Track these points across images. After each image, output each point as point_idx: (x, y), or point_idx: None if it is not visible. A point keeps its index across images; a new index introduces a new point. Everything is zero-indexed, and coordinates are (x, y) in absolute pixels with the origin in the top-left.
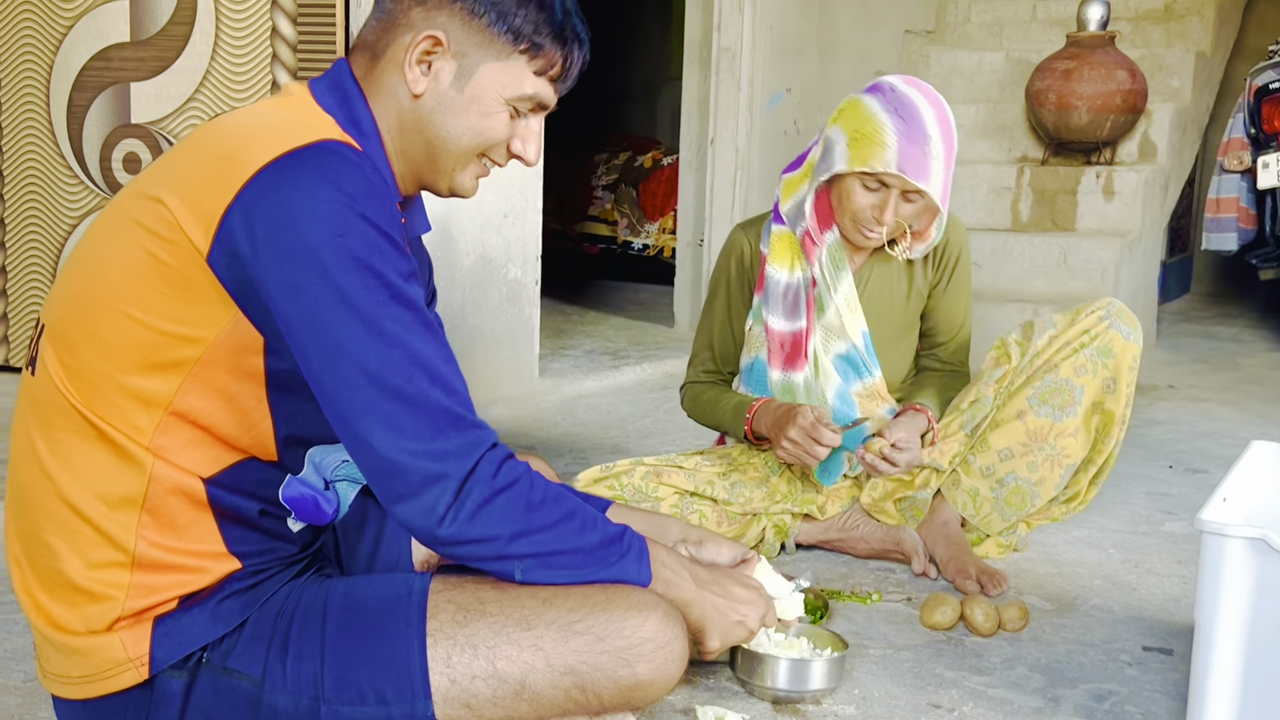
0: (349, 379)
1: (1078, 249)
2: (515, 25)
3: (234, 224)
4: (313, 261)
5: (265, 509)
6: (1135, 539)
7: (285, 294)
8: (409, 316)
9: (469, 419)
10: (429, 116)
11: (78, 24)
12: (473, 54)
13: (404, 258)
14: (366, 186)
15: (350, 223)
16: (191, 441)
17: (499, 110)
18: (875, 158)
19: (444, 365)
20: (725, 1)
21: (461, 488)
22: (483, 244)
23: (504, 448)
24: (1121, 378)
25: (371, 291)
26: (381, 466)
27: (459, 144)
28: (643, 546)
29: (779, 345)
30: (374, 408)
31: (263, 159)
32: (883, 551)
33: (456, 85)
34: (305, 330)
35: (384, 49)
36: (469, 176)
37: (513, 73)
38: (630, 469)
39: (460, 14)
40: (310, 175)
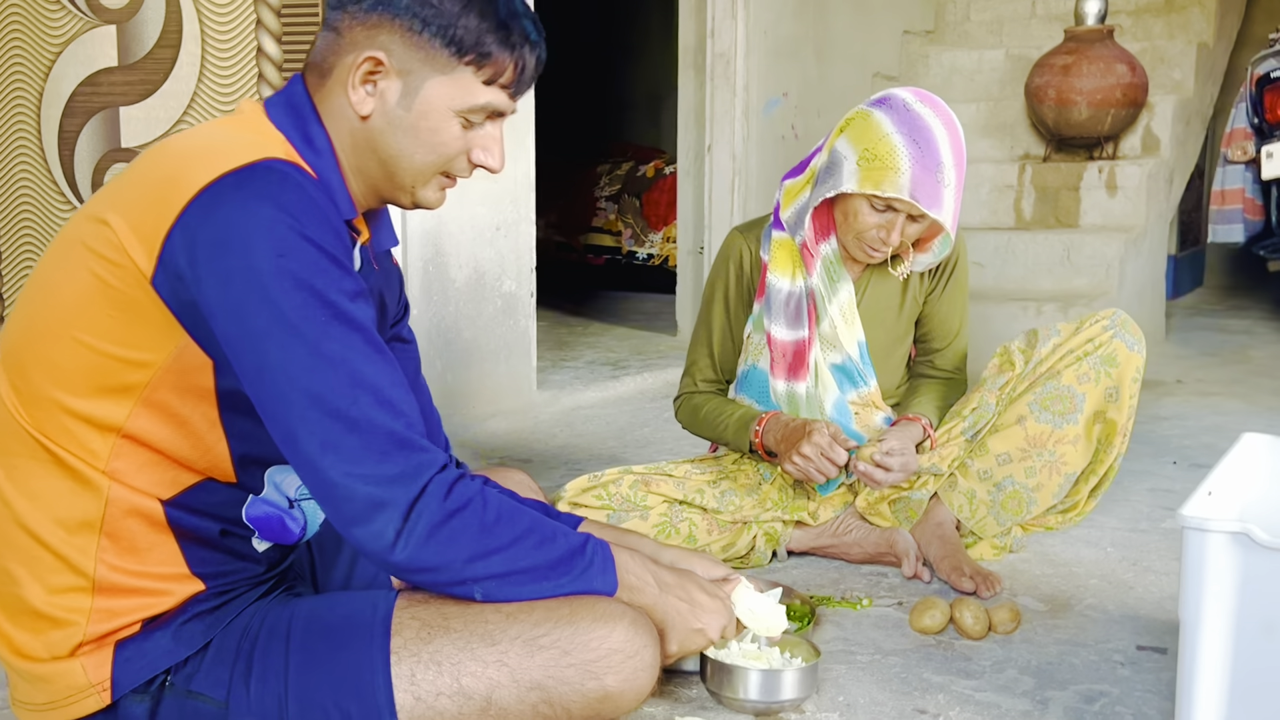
0: (292, 402)
1: (1081, 245)
2: (457, 37)
3: (176, 246)
4: (253, 283)
5: (227, 529)
6: (1135, 537)
7: (227, 316)
8: (353, 337)
9: (416, 442)
10: (379, 136)
11: (66, 50)
12: (417, 70)
13: (349, 277)
14: (309, 205)
15: (291, 243)
16: (147, 464)
17: (450, 124)
18: (888, 183)
19: (391, 387)
20: (718, 7)
21: (410, 513)
22: (475, 258)
23: (454, 469)
24: (1124, 388)
25: (313, 312)
26: (328, 491)
27: (413, 162)
28: (607, 555)
29: (781, 355)
30: (317, 431)
31: (203, 179)
32: (876, 555)
33: (403, 104)
34: (247, 353)
35: (331, 68)
36: (431, 191)
37: (460, 85)
38: (618, 478)
39: (400, 30)
40: (250, 195)
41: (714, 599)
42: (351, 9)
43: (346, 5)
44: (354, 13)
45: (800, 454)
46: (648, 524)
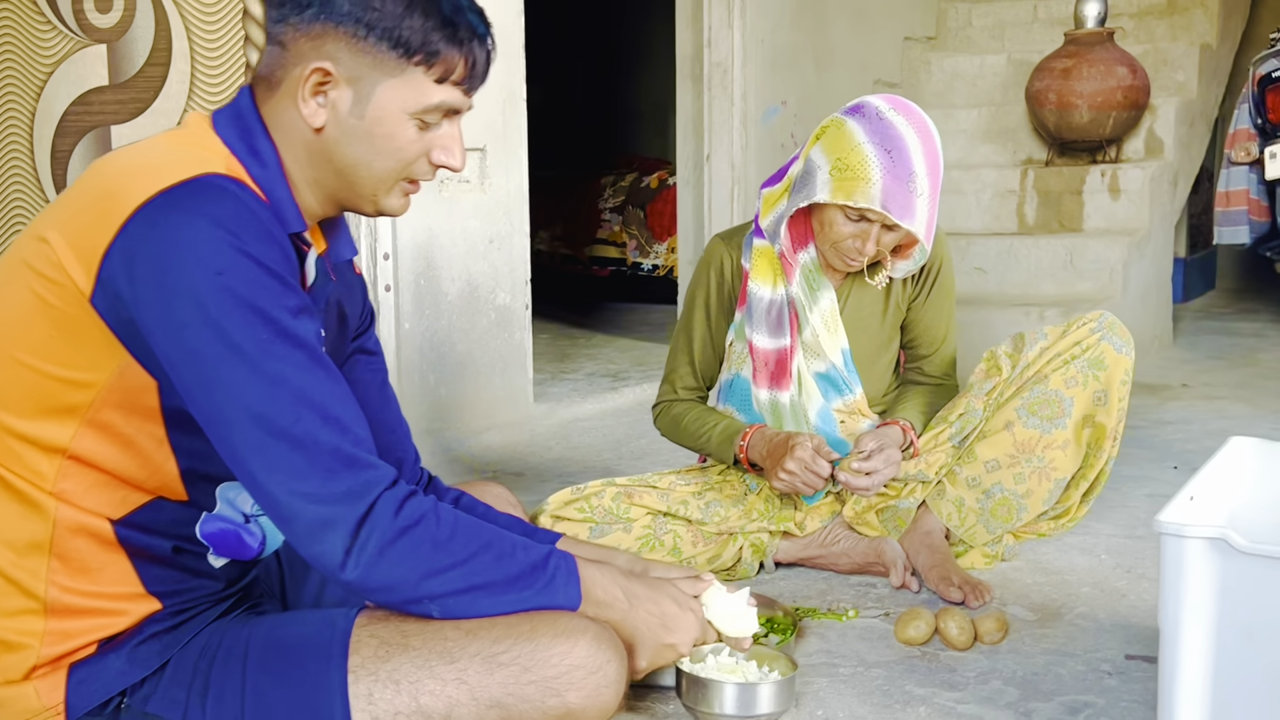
0: (235, 422)
1: (1084, 250)
2: (403, 38)
3: (114, 264)
4: (192, 301)
5: (180, 546)
6: (1131, 543)
7: (167, 335)
8: (297, 354)
9: (363, 459)
10: (335, 147)
11: (58, 70)
12: (366, 76)
13: (291, 292)
14: (249, 220)
15: (229, 259)
16: (96, 485)
17: (406, 128)
18: (859, 193)
19: (336, 404)
20: (714, 17)
21: (358, 530)
22: (469, 270)
23: (405, 486)
24: (1113, 391)
25: (254, 329)
26: (275, 510)
27: (372, 170)
28: (570, 568)
29: (764, 363)
30: (262, 450)
31: (142, 196)
32: (865, 565)
33: (356, 112)
34: (189, 372)
35: (279, 81)
36: (395, 197)
37: (412, 87)
38: (601, 490)
39: (345, 38)
40: (188, 212)
41: (685, 612)
42: (293, 20)
43: (288, 17)
44: (296, 24)
45: (785, 470)
46: (631, 536)
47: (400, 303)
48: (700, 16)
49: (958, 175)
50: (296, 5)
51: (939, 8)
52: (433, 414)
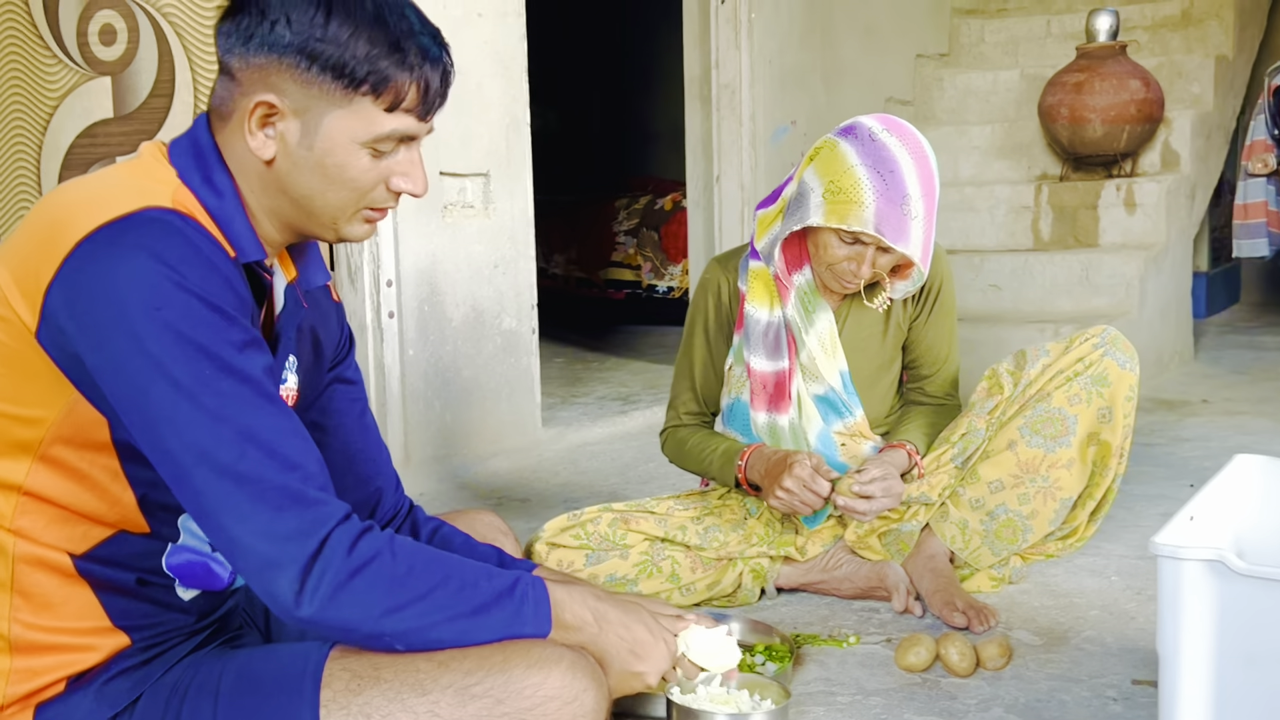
0: (180, 460)
1: (1100, 265)
2: (348, 68)
3: (56, 300)
4: (131, 338)
5: (144, 579)
6: (1142, 564)
7: (109, 372)
8: (241, 390)
9: (312, 495)
10: (287, 178)
11: (63, 103)
12: (313, 108)
13: (234, 327)
14: (190, 254)
15: (169, 295)
16: (54, 520)
17: (357, 158)
18: (852, 216)
19: (284, 439)
20: (722, 38)
21: (309, 569)
22: (473, 295)
23: (357, 521)
24: (1118, 407)
25: (195, 365)
26: (225, 549)
27: (327, 200)
28: (540, 594)
29: (762, 386)
30: (208, 489)
31: (83, 230)
32: (867, 590)
33: (304, 144)
34: (132, 410)
35: (229, 112)
36: (355, 226)
37: (360, 116)
38: (597, 516)
39: (289, 69)
40: (128, 247)
41: (657, 640)
42: (239, 51)
43: (234, 48)
44: (242, 54)
45: (782, 488)
46: (628, 563)
47: (404, 329)
48: (707, 38)
49: (971, 192)
50: (242, 36)
51: (951, 24)
52: (438, 441)
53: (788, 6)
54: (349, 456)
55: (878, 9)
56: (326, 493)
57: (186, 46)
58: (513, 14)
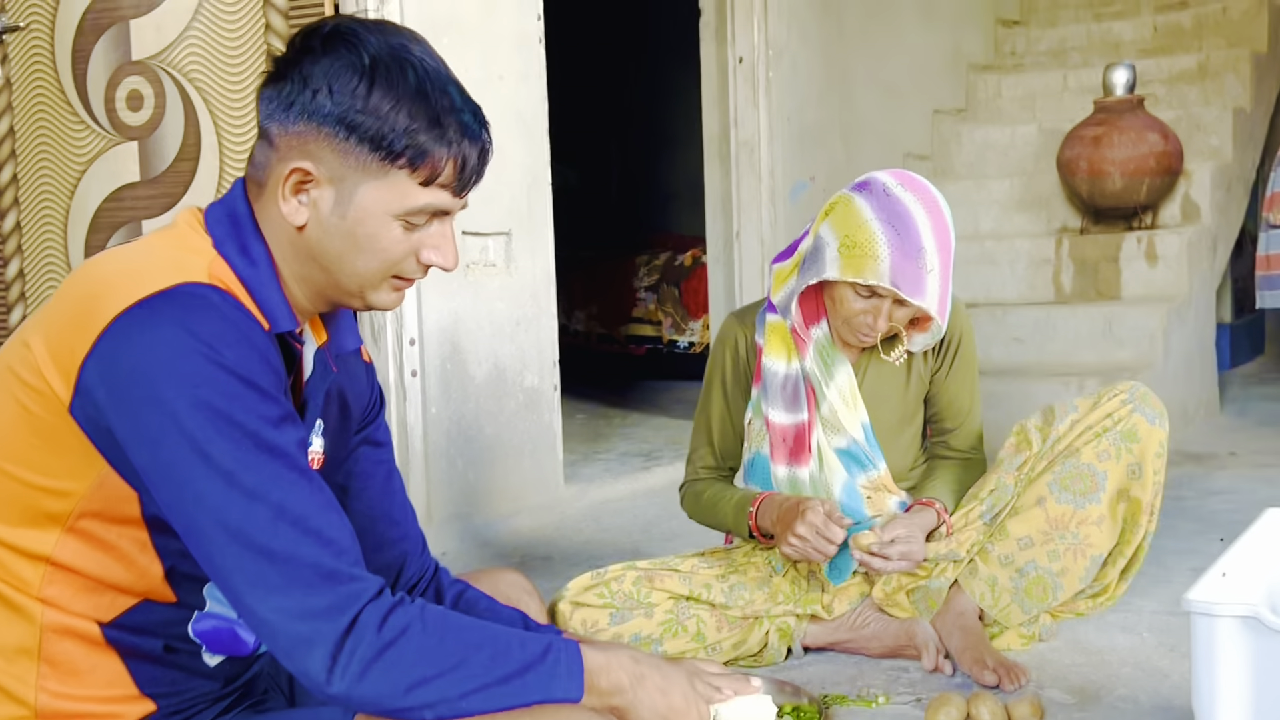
0: (213, 538)
1: (1123, 317)
2: (386, 141)
3: (91, 374)
4: (166, 414)
5: (171, 645)
6: (1174, 620)
7: (142, 448)
8: (275, 465)
9: (345, 572)
10: (317, 245)
11: (90, 167)
12: (349, 177)
13: (270, 402)
14: (226, 330)
15: (205, 372)
16: (83, 590)
17: (389, 229)
18: (868, 270)
19: (317, 515)
20: (740, 96)
21: (341, 647)
22: (495, 353)
23: (389, 596)
24: (1148, 464)
25: (231, 442)
26: (257, 627)
27: (356, 269)
28: (574, 659)
29: (781, 439)
30: (240, 566)
31: (120, 305)
32: (896, 649)
33: (338, 212)
34: (165, 485)
35: (266, 178)
36: (383, 294)
37: (395, 189)
38: (621, 574)
39: (327, 137)
40: (164, 322)
41: (689, 708)
42: (279, 118)
43: (275, 115)
44: (282, 121)
45: (795, 535)
46: (653, 622)
47: (426, 387)
48: (726, 96)
49: (992, 245)
50: (283, 103)
51: (968, 80)
52: (461, 499)
53: (806, 64)
54: (374, 519)
55: (895, 66)
56: (359, 568)
57: (212, 111)
58: (534, 76)
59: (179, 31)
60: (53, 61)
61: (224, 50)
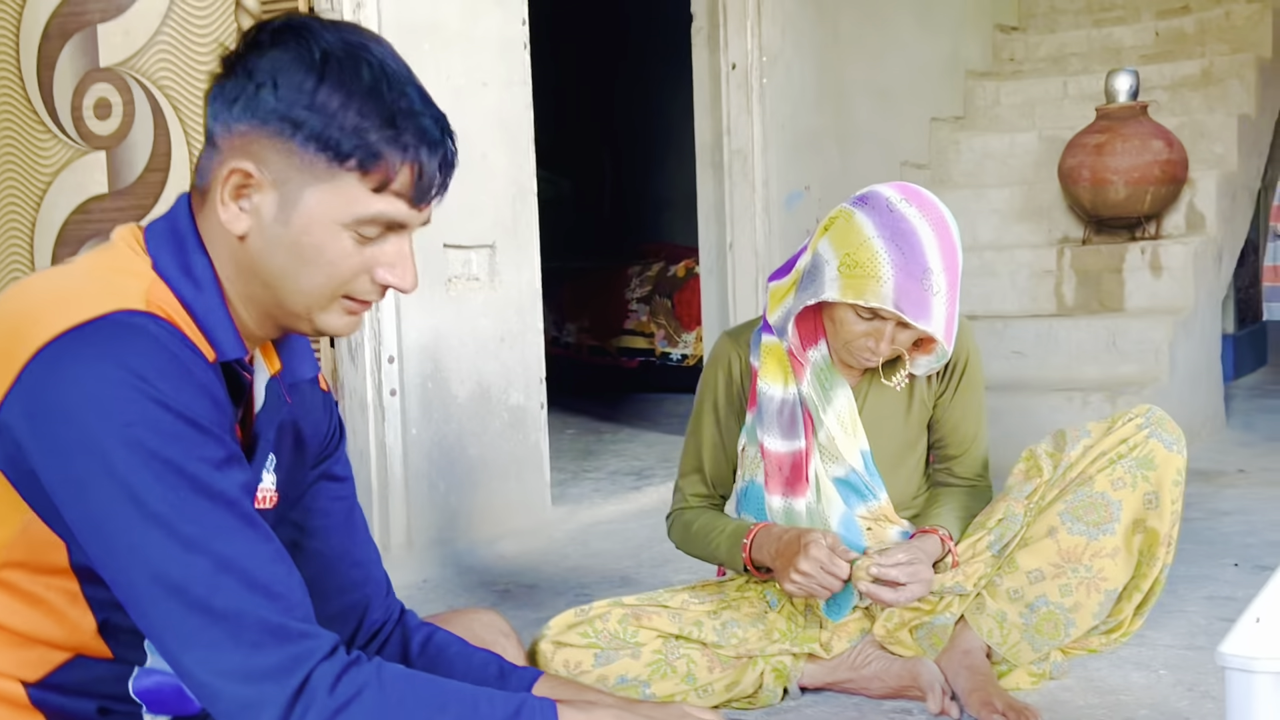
0: (147, 592)
1: (1127, 330)
2: (333, 139)
3: (12, 411)
4: (96, 456)
5: (106, 706)
6: (1191, 656)
7: (69, 493)
8: (217, 513)
9: (294, 628)
10: (259, 258)
11: (57, 179)
12: (293, 179)
13: (213, 442)
14: (165, 363)
15: (140, 409)
16: (7, 645)
17: (338, 240)
18: (869, 292)
19: (264, 568)
20: (733, 104)
21: (290, 711)
22: (479, 371)
23: (342, 654)
24: (1165, 493)
25: (167, 488)
26: (197, 691)
27: (299, 284)
28: (549, 715)
29: (777, 468)
30: (178, 624)
31: (45, 335)
32: (899, 689)
33: (280, 218)
34: (94, 534)
35: (209, 186)
36: (333, 317)
37: (343, 194)
38: (606, 611)
39: (270, 136)
40: (94, 355)
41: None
42: (223, 117)
43: (219, 115)
44: (225, 121)
45: (799, 571)
46: (640, 663)
47: (406, 407)
48: (719, 103)
49: (991, 256)
50: (226, 100)
51: (966, 87)
52: (442, 523)
53: (800, 71)
54: (333, 560)
55: (891, 72)
56: (310, 624)
57: (183, 120)
58: (518, 82)
59: (148, 37)
60: (18, 67)
61: (195, 56)
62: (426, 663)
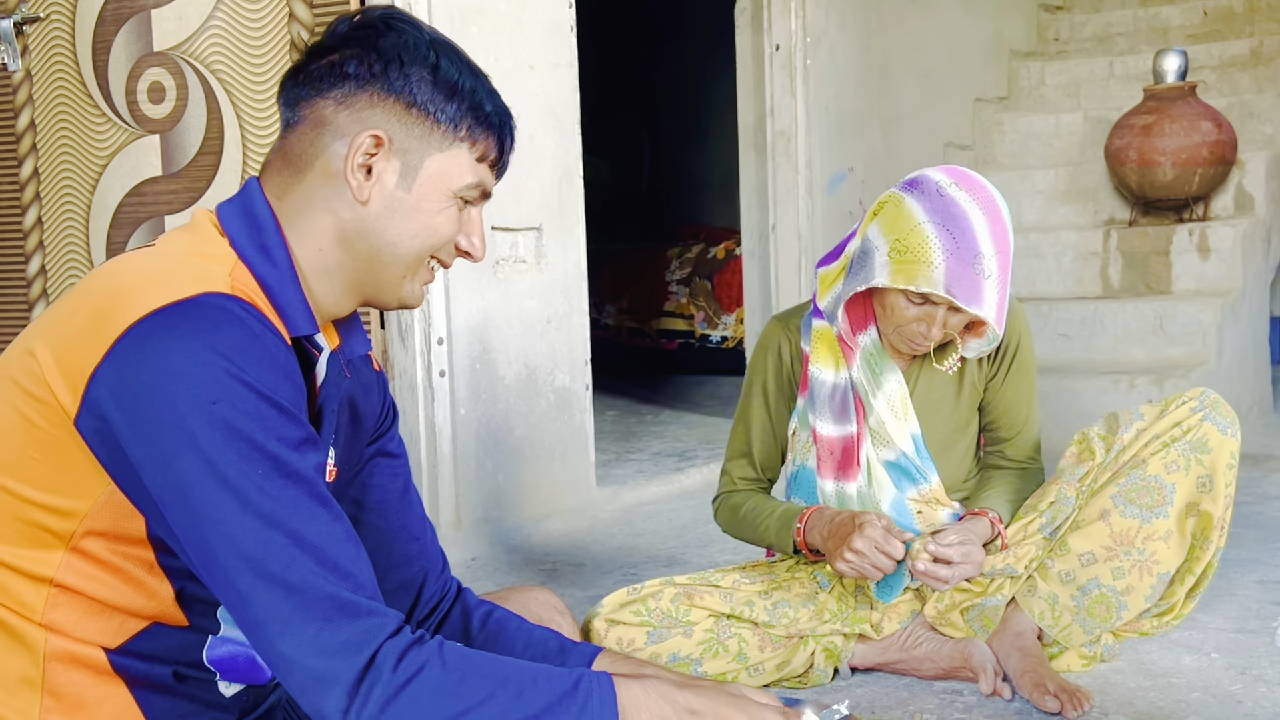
0: (227, 565)
1: (1174, 313)
2: (452, 113)
3: (101, 387)
4: (182, 432)
5: (181, 672)
6: (1243, 639)
7: (154, 467)
8: (294, 491)
9: (363, 605)
10: (376, 223)
11: (112, 162)
12: (415, 148)
13: (292, 423)
14: (249, 345)
15: (225, 388)
16: (88, 614)
17: (449, 205)
18: (921, 277)
19: (336, 545)
20: (777, 85)
21: (358, 685)
22: (525, 352)
23: (407, 633)
24: (1219, 476)
25: (249, 465)
26: (271, 661)
27: (411, 247)
28: (606, 691)
29: (829, 452)
30: (254, 596)
31: (136, 314)
32: (950, 670)
33: (403, 185)
34: (177, 507)
35: (309, 161)
36: (418, 284)
37: (458, 162)
38: (659, 590)
39: (396, 108)
40: (183, 335)
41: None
42: (332, 93)
43: (323, 91)
44: (336, 97)
45: (852, 549)
46: (692, 641)
47: (455, 388)
48: (762, 85)
49: (1036, 238)
50: (336, 77)
51: (1010, 67)
52: (490, 502)
53: (844, 52)
54: (390, 535)
55: (935, 53)
56: (377, 602)
57: (235, 103)
58: (564, 65)
59: (201, 21)
60: (73, 53)
61: (247, 41)
62: (487, 639)
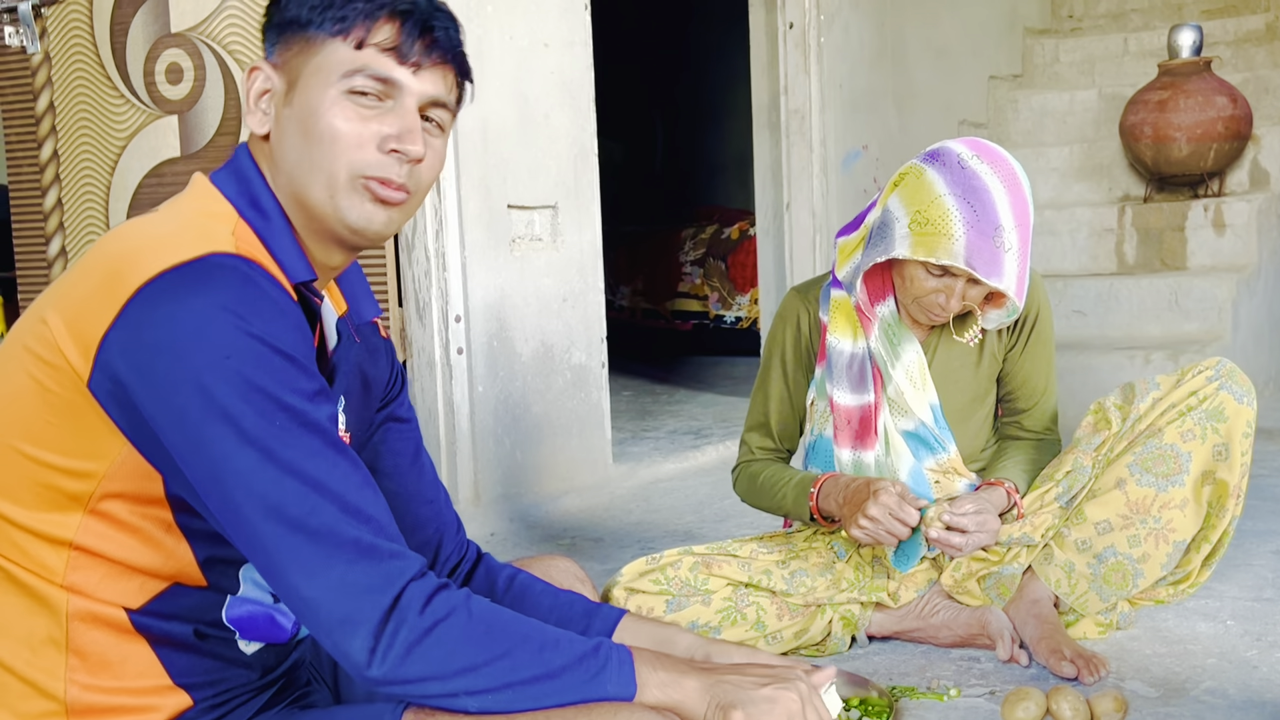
0: (249, 515)
1: (1190, 288)
2: (317, 18)
3: (113, 349)
4: (197, 388)
5: (202, 630)
6: (1259, 607)
7: (171, 424)
8: (311, 440)
9: (385, 548)
10: (279, 150)
11: (131, 143)
12: (292, 63)
13: (305, 375)
14: (258, 300)
15: (238, 342)
16: (109, 575)
17: (340, 106)
18: (941, 249)
19: (355, 491)
20: (790, 64)
21: (383, 626)
22: (542, 330)
23: (433, 577)
24: (1235, 445)
25: (266, 416)
26: (296, 606)
27: (317, 164)
28: (624, 657)
29: (846, 421)
30: (277, 544)
31: (144, 275)
32: (967, 638)
33: (288, 100)
34: (196, 462)
35: None
36: (357, 203)
37: (330, 57)
38: (677, 559)
39: (283, 38)
40: (193, 293)
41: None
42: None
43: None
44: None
45: (867, 516)
46: (710, 610)
47: (473, 365)
48: (776, 64)
49: (1051, 215)
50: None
51: (1024, 45)
52: (508, 479)
53: (858, 29)
54: (405, 498)
55: (949, 30)
56: (399, 544)
57: None
58: (579, 43)
59: (218, 2)
60: (91, 35)
61: None
62: (513, 600)
